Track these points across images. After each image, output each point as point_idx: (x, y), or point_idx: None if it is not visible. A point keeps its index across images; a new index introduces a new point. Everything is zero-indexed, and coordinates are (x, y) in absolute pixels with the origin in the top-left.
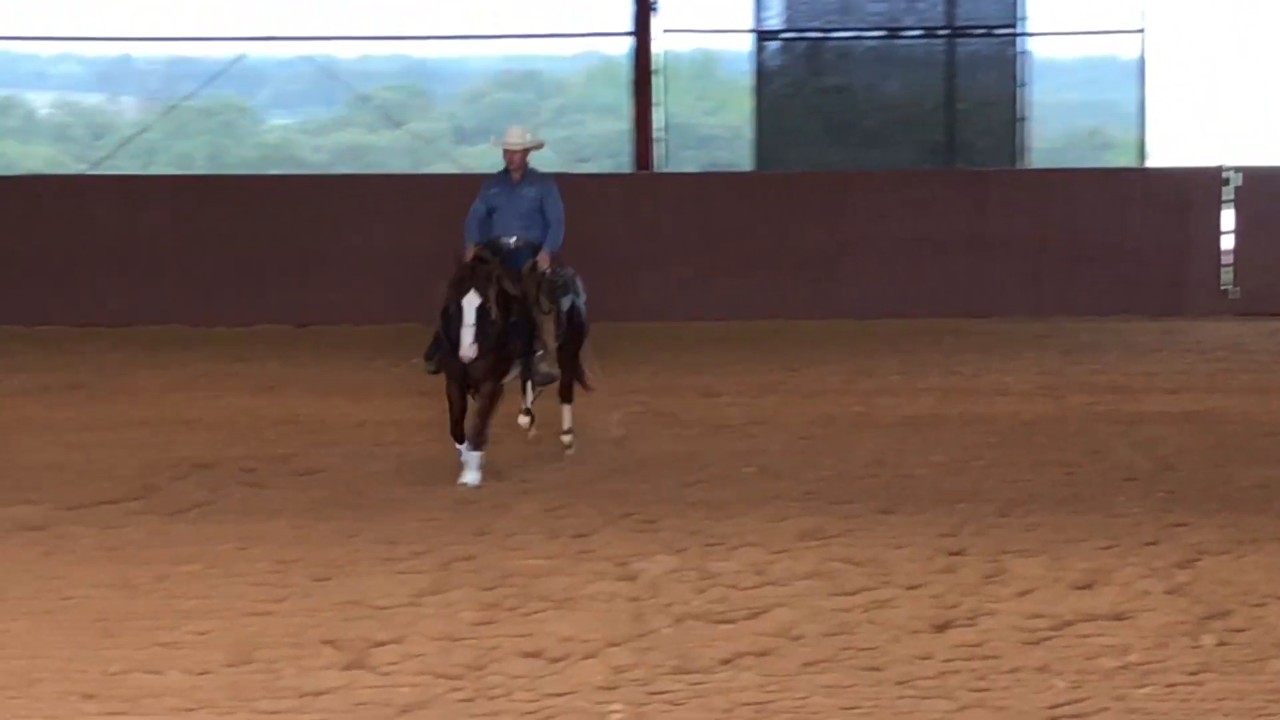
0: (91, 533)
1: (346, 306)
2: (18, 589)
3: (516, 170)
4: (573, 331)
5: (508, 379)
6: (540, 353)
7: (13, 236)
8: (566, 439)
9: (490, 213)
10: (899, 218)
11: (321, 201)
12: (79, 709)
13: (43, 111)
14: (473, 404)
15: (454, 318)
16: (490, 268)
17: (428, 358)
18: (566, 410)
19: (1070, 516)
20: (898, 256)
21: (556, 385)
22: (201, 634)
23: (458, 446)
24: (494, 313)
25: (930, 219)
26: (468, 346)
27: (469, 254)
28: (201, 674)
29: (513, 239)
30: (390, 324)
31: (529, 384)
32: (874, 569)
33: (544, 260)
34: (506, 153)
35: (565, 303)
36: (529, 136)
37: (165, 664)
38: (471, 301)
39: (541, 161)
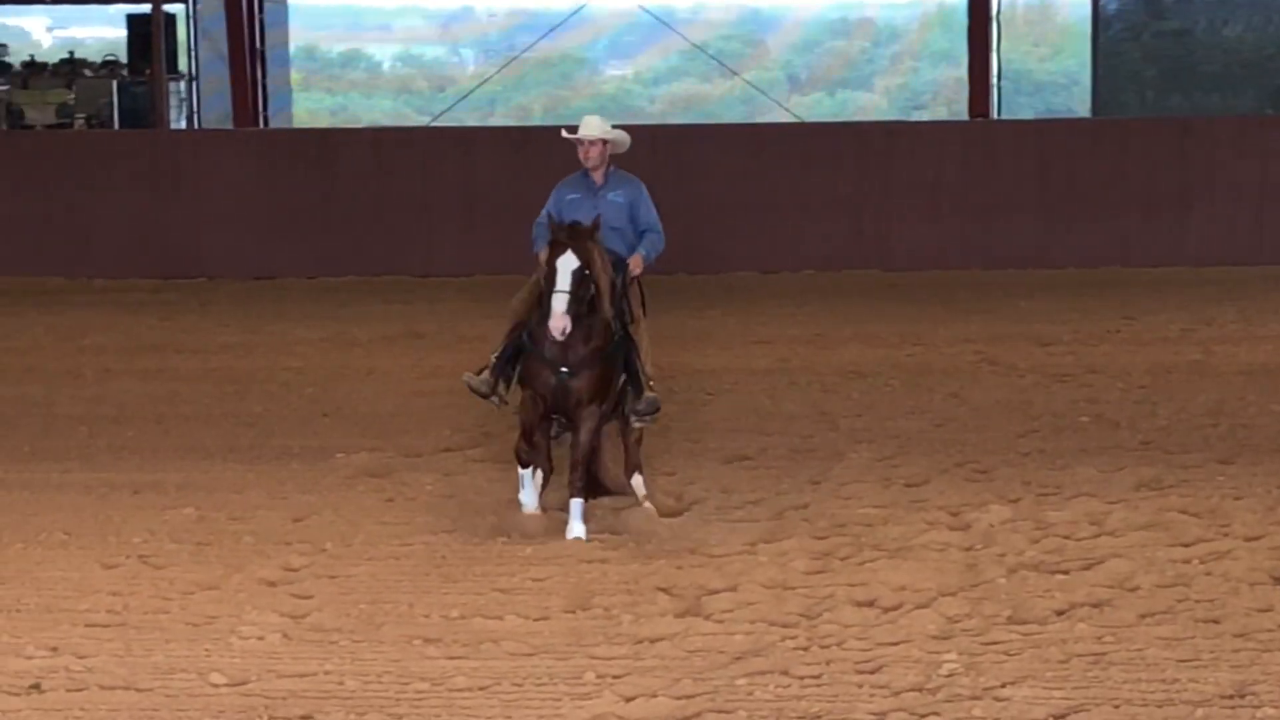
0: (432, 479)
1: (679, 255)
2: (362, 534)
3: (597, 168)
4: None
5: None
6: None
7: (356, 188)
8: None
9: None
10: (1240, 164)
11: (656, 152)
12: (422, 653)
13: (386, 64)
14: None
15: (545, 286)
16: (594, 229)
17: (483, 373)
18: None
19: None
20: (1238, 203)
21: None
22: (540, 580)
23: (520, 472)
24: (595, 284)
25: (1272, 165)
26: (559, 316)
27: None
28: (540, 619)
29: None
30: (723, 274)
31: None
32: (1212, 520)
33: (636, 264)
34: (582, 146)
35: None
36: (610, 128)
37: (504, 609)
38: (568, 263)
39: (876, 110)
